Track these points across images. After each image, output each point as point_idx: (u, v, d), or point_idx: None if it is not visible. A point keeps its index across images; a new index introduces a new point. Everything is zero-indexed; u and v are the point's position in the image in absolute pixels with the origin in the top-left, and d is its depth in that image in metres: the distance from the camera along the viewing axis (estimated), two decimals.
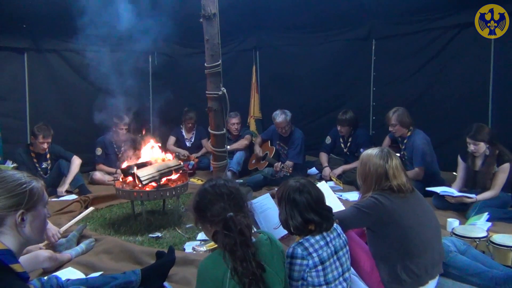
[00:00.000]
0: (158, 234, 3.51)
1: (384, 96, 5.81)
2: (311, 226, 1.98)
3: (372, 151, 2.47)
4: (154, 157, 4.08)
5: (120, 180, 3.87)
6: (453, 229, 3.04)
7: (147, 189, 3.61)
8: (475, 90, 5.08)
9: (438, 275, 2.37)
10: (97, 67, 4.48)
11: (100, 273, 2.73)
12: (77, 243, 3.22)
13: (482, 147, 3.76)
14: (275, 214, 2.24)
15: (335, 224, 2.07)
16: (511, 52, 4.77)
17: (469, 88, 5.12)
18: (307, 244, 1.92)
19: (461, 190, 3.93)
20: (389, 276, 2.26)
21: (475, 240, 2.81)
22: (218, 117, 4.08)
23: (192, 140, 6.26)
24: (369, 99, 5.99)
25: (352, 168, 4.92)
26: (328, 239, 1.99)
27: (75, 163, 4.81)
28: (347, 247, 2.09)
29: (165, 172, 3.76)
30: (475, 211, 3.58)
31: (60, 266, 2.86)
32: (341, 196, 4.29)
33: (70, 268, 2.83)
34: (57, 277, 2.24)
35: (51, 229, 3.05)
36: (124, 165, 3.97)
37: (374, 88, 5.94)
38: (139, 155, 4.19)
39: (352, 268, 2.18)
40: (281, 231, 2.46)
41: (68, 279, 2.30)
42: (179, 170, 3.93)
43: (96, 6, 4.04)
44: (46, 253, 2.81)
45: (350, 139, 5.23)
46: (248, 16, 5.96)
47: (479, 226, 3.17)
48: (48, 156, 4.79)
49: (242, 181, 4.89)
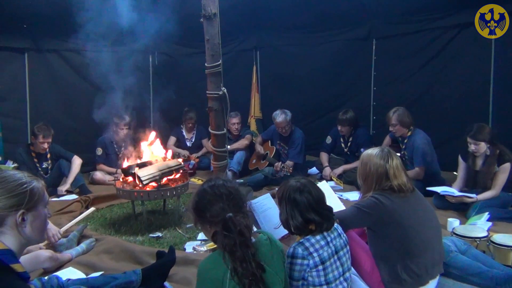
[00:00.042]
0: (159, 234, 3.51)
1: (385, 96, 5.81)
2: (311, 226, 1.98)
3: (373, 151, 2.47)
4: (155, 155, 4.08)
5: (121, 180, 3.87)
6: (453, 228, 3.04)
7: (148, 189, 3.61)
8: (476, 90, 5.08)
9: (438, 275, 2.37)
10: (97, 67, 4.48)
11: (101, 273, 2.74)
12: (77, 243, 3.22)
13: (483, 147, 3.75)
14: (276, 214, 2.24)
15: (335, 224, 2.08)
16: None
17: (470, 88, 5.12)
18: (307, 244, 1.92)
19: (461, 190, 3.92)
20: (390, 276, 2.26)
21: (476, 240, 2.81)
22: (219, 117, 4.08)
23: (193, 140, 6.26)
24: (369, 98, 5.99)
25: (352, 168, 4.92)
26: (329, 239, 1.99)
27: (76, 163, 4.82)
28: (348, 247, 2.09)
29: (166, 172, 3.77)
30: (476, 211, 3.58)
31: (60, 266, 2.86)
32: (341, 196, 4.29)
33: (70, 268, 2.83)
34: (57, 277, 2.24)
35: (52, 229, 3.06)
36: (125, 165, 3.97)
37: (375, 88, 5.94)
38: (140, 154, 4.19)
39: (352, 268, 2.18)
40: (282, 231, 2.45)
41: (69, 279, 2.30)
42: (180, 170, 3.93)
43: (97, 6, 4.04)
44: (46, 253, 2.81)
45: (351, 139, 5.23)
46: (249, 16, 5.97)
47: (479, 226, 3.17)
48: (48, 156, 4.80)
49: (242, 181, 4.88)
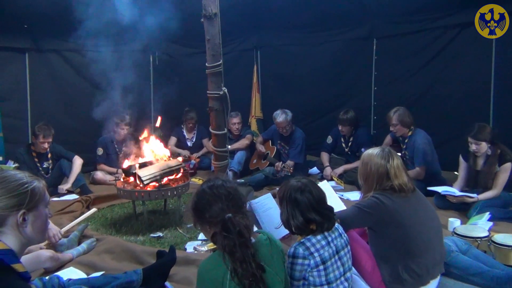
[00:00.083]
0: (160, 234, 3.51)
1: (385, 96, 5.80)
2: (312, 225, 1.98)
3: (373, 151, 2.47)
4: (156, 154, 4.08)
5: (122, 180, 3.87)
6: (454, 228, 3.04)
7: (149, 189, 3.62)
8: (477, 90, 5.07)
9: (439, 275, 2.37)
10: (98, 67, 4.48)
11: (102, 272, 2.74)
12: (78, 243, 3.22)
13: (484, 146, 3.75)
14: (277, 214, 2.24)
15: (336, 224, 2.07)
16: None
17: (470, 88, 5.11)
18: (308, 243, 1.92)
19: (462, 190, 3.92)
20: (391, 276, 2.26)
21: (477, 239, 2.81)
22: (219, 117, 4.09)
23: (194, 140, 6.25)
24: (370, 98, 5.99)
25: (353, 168, 4.91)
26: (330, 238, 1.98)
27: (77, 163, 4.82)
28: (349, 247, 2.09)
29: (167, 172, 3.77)
30: (477, 211, 3.57)
31: (61, 266, 2.86)
32: (342, 195, 4.29)
33: (71, 268, 2.83)
34: (58, 277, 2.24)
35: (52, 229, 3.05)
36: (125, 165, 3.97)
37: (375, 88, 5.93)
38: (141, 153, 4.19)
39: (353, 267, 2.18)
40: (283, 231, 2.45)
41: (70, 279, 2.30)
42: (180, 169, 3.93)
43: (97, 6, 4.04)
44: (47, 253, 2.81)
45: (351, 139, 5.22)
46: (249, 16, 5.96)
47: (480, 225, 3.17)
48: (49, 156, 4.80)
49: (243, 180, 4.88)
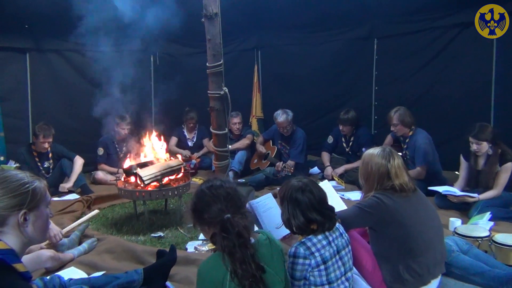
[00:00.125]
0: (160, 233, 3.51)
1: (386, 96, 5.80)
2: (313, 225, 1.98)
3: (374, 151, 2.47)
4: (157, 155, 4.08)
5: (122, 179, 3.87)
6: (455, 228, 3.03)
7: (149, 188, 3.62)
8: (477, 90, 5.07)
9: (440, 275, 2.37)
10: (98, 67, 4.49)
11: (103, 272, 2.74)
12: (79, 243, 3.23)
13: (485, 146, 3.75)
14: (278, 214, 2.24)
15: (337, 224, 2.07)
16: None
17: (471, 88, 5.11)
18: (309, 243, 1.92)
19: (463, 190, 3.92)
20: (391, 276, 2.26)
21: (478, 239, 2.80)
22: (220, 116, 4.09)
23: (194, 139, 6.26)
24: (371, 98, 5.99)
25: (354, 168, 4.91)
26: (331, 238, 1.98)
27: (78, 163, 4.82)
28: (349, 247, 2.09)
29: (167, 172, 3.77)
30: (478, 211, 3.57)
31: (62, 265, 2.86)
32: (343, 195, 4.29)
33: (72, 267, 2.84)
34: (59, 277, 2.24)
35: (53, 229, 3.05)
36: (126, 164, 3.98)
37: (376, 88, 5.93)
38: (141, 152, 4.20)
39: (354, 267, 2.18)
40: (283, 231, 2.45)
41: (71, 279, 2.30)
42: (181, 169, 3.93)
43: (98, 6, 4.05)
44: (48, 252, 2.81)
45: (352, 139, 5.22)
46: (249, 15, 5.96)
47: (481, 225, 3.17)
48: (50, 155, 4.80)
49: (244, 180, 4.88)
